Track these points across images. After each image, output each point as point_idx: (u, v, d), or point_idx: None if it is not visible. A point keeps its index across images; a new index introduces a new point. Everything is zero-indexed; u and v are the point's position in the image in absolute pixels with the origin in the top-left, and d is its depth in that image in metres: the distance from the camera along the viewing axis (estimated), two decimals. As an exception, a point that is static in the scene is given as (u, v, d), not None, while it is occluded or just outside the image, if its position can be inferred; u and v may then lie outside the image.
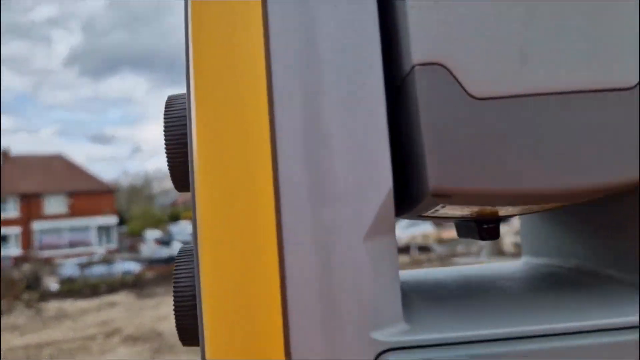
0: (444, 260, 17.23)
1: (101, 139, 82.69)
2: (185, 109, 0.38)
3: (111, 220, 32.02)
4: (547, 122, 0.28)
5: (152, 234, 30.66)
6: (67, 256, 25.44)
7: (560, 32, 0.27)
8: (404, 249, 22.18)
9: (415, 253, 20.49)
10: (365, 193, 0.31)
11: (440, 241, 23.79)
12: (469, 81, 0.28)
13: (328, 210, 0.31)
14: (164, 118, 0.40)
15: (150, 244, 26.53)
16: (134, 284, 14.54)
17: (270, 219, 0.32)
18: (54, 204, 31.30)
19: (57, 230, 30.68)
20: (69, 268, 18.03)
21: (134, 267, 17.62)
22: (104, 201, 32.48)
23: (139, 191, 43.19)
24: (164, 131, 0.39)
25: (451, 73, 0.28)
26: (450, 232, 29.46)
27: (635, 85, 0.28)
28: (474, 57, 0.28)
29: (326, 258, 0.31)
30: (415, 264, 18.01)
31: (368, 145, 0.31)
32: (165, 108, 0.40)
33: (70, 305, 12.16)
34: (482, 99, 0.28)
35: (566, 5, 0.27)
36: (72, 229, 31.06)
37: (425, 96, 0.28)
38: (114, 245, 30.69)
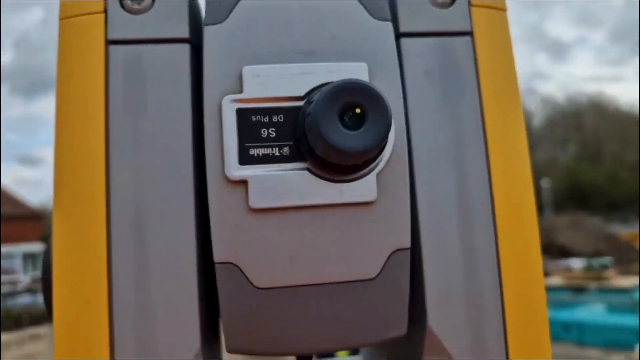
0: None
1: (30, 160, 78.72)
2: None
3: (38, 247, 30.37)
4: (313, 305, 0.38)
5: (82, 261, 29.21)
6: (-12, 285, 23.83)
7: (320, 242, 0.37)
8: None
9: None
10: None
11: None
12: (254, 276, 0.37)
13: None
14: None
15: (80, 272, 25.26)
16: (62, 315, 13.73)
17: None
18: (-24, 230, 29.38)
19: (-22, 258, 28.74)
20: (-10, 298, 16.83)
21: (61, 296, 16.64)
22: (30, 227, 30.82)
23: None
24: None
25: (241, 270, 0.37)
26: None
27: (377, 276, 0.38)
28: (257, 259, 0.37)
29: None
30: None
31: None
32: None
33: (-10, 338, 11.32)
34: (264, 289, 0.38)
35: (326, 224, 0.37)
36: (-5, 256, 29.20)
37: (222, 286, 0.38)
38: (40, 273, 29.02)
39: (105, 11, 0.40)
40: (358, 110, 0.34)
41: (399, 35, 0.41)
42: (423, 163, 0.39)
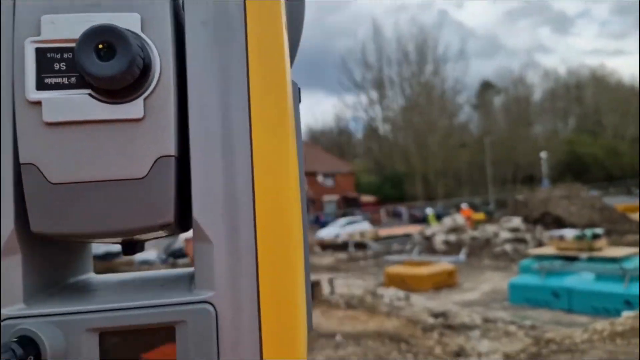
0: (379, 257, 17.55)
1: None
2: None
3: None
4: (96, 197, 0.49)
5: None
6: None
7: (99, 149, 0.50)
8: (342, 246, 22.46)
9: (352, 250, 20.75)
10: None
11: (377, 239, 24.22)
12: (49, 174, 0.49)
13: None
14: None
15: None
16: None
17: None
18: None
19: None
20: None
21: None
22: None
23: None
24: None
25: (39, 169, 0.49)
26: (387, 231, 29.99)
27: (145, 176, 0.49)
28: (50, 161, 0.49)
29: None
30: (352, 260, 18.27)
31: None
32: None
33: None
34: (57, 184, 0.49)
35: (103, 135, 0.49)
36: None
37: (25, 182, 0.49)
38: None
39: None
40: (105, 46, 0.46)
41: None
42: (196, 91, 0.51)
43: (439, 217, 29.54)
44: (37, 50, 0.49)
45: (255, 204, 0.50)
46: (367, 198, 55.28)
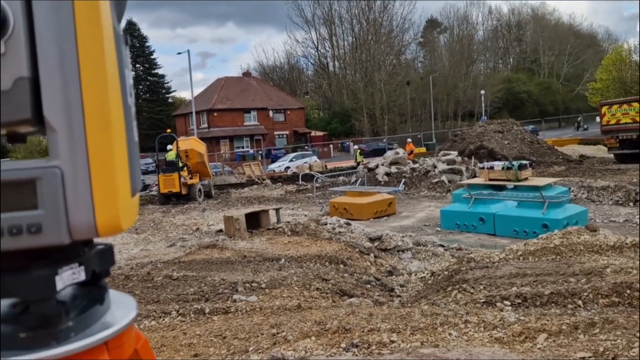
0: (325, 189, 17.97)
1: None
2: None
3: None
4: None
5: None
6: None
7: None
8: (292, 179, 22.77)
9: (301, 182, 21.08)
10: None
11: (325, 172, 24.61)
12: None
13: None
14: None
15: None
16: None
17: None
18: None
19: None
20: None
21: None
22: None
23: None
24: None
25: None
26: (334, 164, 30.31)
27: (9, 88, 0.64)
28: None
29: None
30: (300, 192, 18.62)
31: None
32: None
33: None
34: None
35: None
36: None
37: None
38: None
39: None
40: None
41: None
42: (40, 34, 0.66)
43: (378, 152, 30.07)
44: None
45: (84, 104, 0.67)
46: (316, 133, 55.46)
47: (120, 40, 0.74)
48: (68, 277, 0.69)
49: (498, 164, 10.92)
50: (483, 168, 11.01)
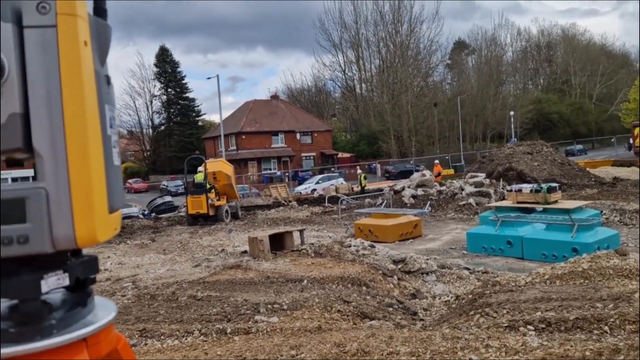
0: (350, 210, 17.94)
1: None
2: None
3: None
4: None
5: None
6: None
7: None
8: (319, 200, 22.81)
9: (327, 204, 21.10)
10: None
11: (349, 194, 24.59)
12: None
13: None
14: None
15: None
16: None
17: None
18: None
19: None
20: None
21: None
22: None
23: None
24: None
25: None
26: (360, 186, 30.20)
27: (5, 122, 0.76)
28: None
29: None
30: (326, 213, 18.63)
31: None
32: None
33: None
34: None
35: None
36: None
37: None
38: None
39: None
40: None
41: (22, 27, 0.79)
42: (31, 78, 0.76)
43: (405, 173, 29.83)
44: None
45: (66, 135, 0.77)
46: (343, 155, 55.54)
47: (101, 80, 0.85)
48: (53, 282, 0.78)
49: (526, 187, 10.74)
50: (511, 190, 10.88)
